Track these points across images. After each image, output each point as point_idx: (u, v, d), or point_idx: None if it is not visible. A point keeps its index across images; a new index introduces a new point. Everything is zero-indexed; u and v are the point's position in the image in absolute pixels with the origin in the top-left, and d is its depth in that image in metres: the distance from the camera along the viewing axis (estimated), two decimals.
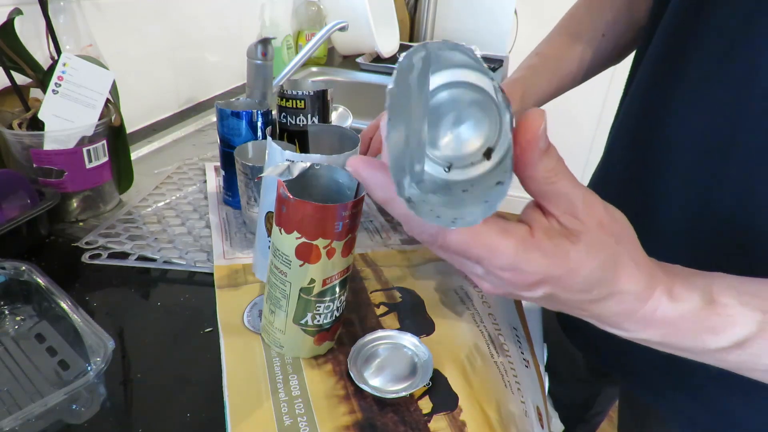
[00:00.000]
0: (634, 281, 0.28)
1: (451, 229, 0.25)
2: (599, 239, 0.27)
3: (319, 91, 0.54)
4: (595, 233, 0.27)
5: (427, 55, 0.24)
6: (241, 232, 0.59)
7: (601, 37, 0.61)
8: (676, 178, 0.44)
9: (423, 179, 0.26)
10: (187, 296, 0.49)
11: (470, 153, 0.26)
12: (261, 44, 0.66)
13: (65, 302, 0.40)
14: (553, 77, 0.62)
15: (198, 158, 0.79)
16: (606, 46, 0.61)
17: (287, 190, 0.36)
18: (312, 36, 1.12)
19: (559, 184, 0.27)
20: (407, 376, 0.41)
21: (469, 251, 0.26)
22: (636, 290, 0.28)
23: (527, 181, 0.27)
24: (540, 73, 0.62)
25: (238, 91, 1.13)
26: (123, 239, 0.57)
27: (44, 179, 0.56)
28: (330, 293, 0.40)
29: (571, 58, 0.62)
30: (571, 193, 0.27)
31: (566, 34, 0.63)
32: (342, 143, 0.49)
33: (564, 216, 0.27)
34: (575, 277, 0.27)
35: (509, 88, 0.61)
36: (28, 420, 0.32)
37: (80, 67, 0.56)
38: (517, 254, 0.26)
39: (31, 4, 0.57)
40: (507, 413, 0.41)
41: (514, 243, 0.26)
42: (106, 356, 0.36)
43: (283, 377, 0.41)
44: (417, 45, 0.24)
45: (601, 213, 0.28)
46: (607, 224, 0.28)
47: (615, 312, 0.30)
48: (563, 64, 0.62)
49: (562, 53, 0.62)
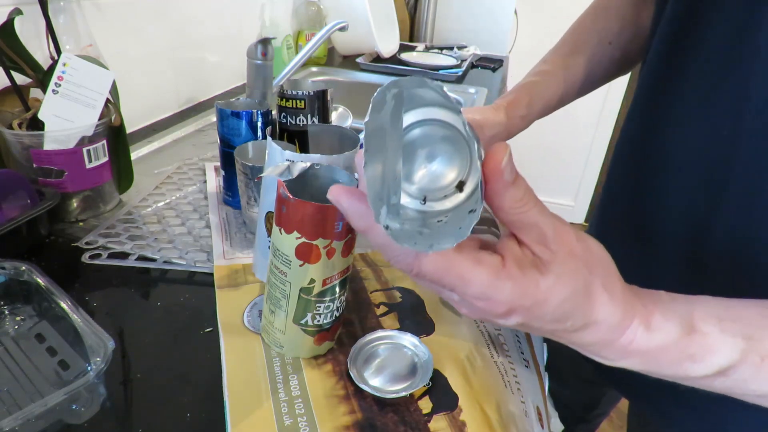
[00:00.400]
0: (609, 312, 0.28)
1: (427, 258, 0.26)
2: (570, 269, 0.27)
3: (319, 91, 0.54)
4: (566, 263, 0.28)
5: (399, 93, 0.26)
6: (241, 232, 0.59)
7: (608, 45, 0.61)
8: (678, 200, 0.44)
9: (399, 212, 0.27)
10: (187, 296, 0.49)
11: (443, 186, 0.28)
12: (261, 44, 0.66)
13: (65, 302, 0.40)
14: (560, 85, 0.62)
15: (198, 158, 0.79)
16: (613, 54, 0.61)
17: (287, 190, 0.36)
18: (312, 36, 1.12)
19: (528, 214, 0.27)
20: (407, 376, 0.41)
21: (442, 280, 0.27)
22: (611, 321, 0.28)
23: (497, 211, 0.27)
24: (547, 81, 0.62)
25: (238, 91, 1.13)
26: (123, 239, 0.57)
27: (44, 179, 0.56)
28: (330, 293, 0.40)
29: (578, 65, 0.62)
30: (541, 222, 0.27)
31: (573, 42, 0.64)
32: (342, 143, 0.49)
33: (535, 245, 0.28)
34: (545, 307, 0.27)
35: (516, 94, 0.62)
36: (28, 420, 0.32)
37: (80, 67, 0.56)
38: (489, 284, 0.26)
39: (31, 4, 0.57)
40: (507, 413, 0.41)
41: (486, 273, 0.26)
42: (106, 356, 0.36)
43: (283, 377, 0.41)
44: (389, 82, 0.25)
45: (572, 242, 0.28)
46: (580, 253, 0.28)
47: (591, 342, 0.30)
48: (570, 71, 0.62)
49: (568, 61, 0.62)
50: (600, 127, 2.31)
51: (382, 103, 0.26)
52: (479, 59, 1.57)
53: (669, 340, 0.29)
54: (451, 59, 1.49)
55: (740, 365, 0.29)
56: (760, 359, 0.29)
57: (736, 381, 0.30)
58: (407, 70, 1.36)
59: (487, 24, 1.79)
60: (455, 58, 1.50)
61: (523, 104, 0.61)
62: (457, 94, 1.24)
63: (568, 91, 0.63)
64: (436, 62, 1.46)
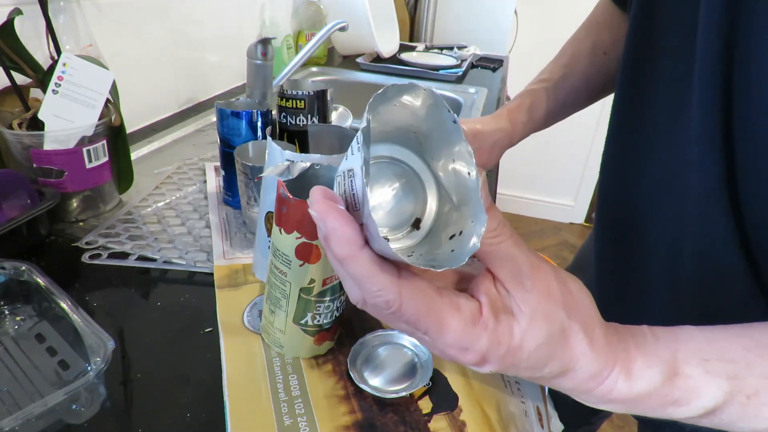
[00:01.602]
0: (588, 360, 0.27)
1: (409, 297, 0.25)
2: (545, 312, 0.27)
3: (319, 91, 0.54)
4: (541, 303, 0.27)
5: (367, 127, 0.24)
6: (241, 232, 0.59)
7: (603, 55, 0.62)
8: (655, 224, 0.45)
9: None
10: (187, 296, 0.49)
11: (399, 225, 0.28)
12: (261, 44, 0.66)
13: (65, 302, 0.40)
14: (561, 93, 0.63)
15: (198, 158, 0.79)
16: (610, 65, 0.62)
17: (287, 190, 0.36)
18: (312, 36, 1.12)
19: (503, 245, 0.26)
20: (407, 376, 0.41)
21: (419, 323, 0.25)
22: (590, 370, 0.28)
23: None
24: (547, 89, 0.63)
25: (238, 91, 1.13)
26: (123, 239, 0.57)
27: (44, 179, 0.56)
28: (330, 293, 0.40)
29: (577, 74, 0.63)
30: (516, 257, 0.26)
31: (570, 54, 0.64)
32: (342, 143, 0.49)
33: (509, 281, 0.27)
34: (519, 354, 0.27)
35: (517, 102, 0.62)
36: (28, 420, 0.32)
37: (80, 67, 0.56)
38: (464, 333, 0.25)
39: (31, 4, 0.57)
40: (507, 413, 0.41)
41: (462, 322, 0.26)
42: (106, 356, 0.36)
43: (283, 377, 0.41)
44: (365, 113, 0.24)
45: (549, 281, 0.27)
46: (557, 295, 0.27)
47: (569, 388, 0.29)
48: (569, 80, 0.63)
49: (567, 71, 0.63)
50: (600, 127, 2.31)
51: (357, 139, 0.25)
52: (479, 59, 1.57)
53: (651, 387, 0.28)
54: (451, 59, 1.49)
55: (727, 406, 0.28)
56: (746, 398, 0.28)
57: (722, 420, 0.29)
58: (407, 70, 1.36)
59: (487, 24, 1.79)
60: (455, 58, 1.50)
61: (525, 110, 0.61)
62: (457, 94, 1.24)
63: (569, 99, 0.64)
64: (436, 62, 1.46)
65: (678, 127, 0.40)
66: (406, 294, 0.25)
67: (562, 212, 2.60)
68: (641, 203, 0.46)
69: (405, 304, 0.25)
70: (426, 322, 0.25)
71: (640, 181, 0.46)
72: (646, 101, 0.44)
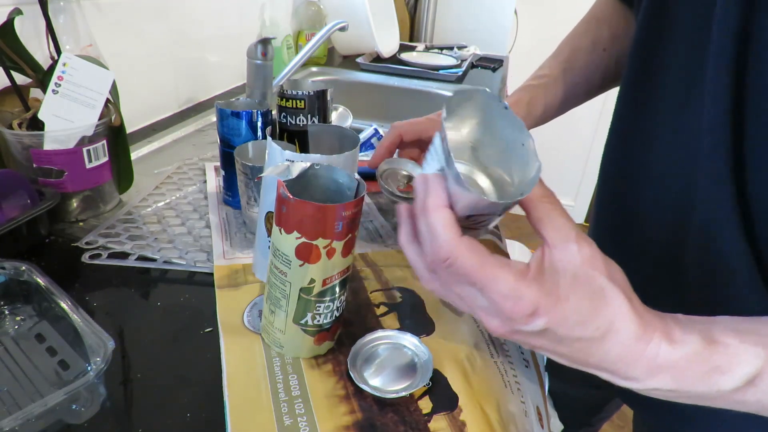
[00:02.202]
0: (630, 320, 0.29)
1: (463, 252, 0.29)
2: (587, 274, 0.29)
3: (319, 91, 0.54)
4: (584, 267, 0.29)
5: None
6: (241, 232, 0.59)
7: (603, 51, 0.62)
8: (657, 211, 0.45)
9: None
10: (187, 296, 0.49)
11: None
12: (261, 44, 0.66)
13: (65, 302, 0.40)
14: (560, 88, 0.63)
15: (198, 158, 0.79)
16: (608, 61, 0.62)
17: (287, 190, 0.36)
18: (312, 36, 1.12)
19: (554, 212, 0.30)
20: (407, 376, 0.41)
21: (473, 274, 0.29)
22: (633, 330, 0.29)
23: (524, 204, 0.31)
24: (546, 84, 0.63)
25: (238, 91, 1.13)
26: (123, 239, 0.57)
27: (44, 179, 0.56)
28: (330, 293, 0.40)
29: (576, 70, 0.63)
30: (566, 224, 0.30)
31: (569, 50, 0.64)
32: (342, 143, 0.49)
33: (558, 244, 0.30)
34: (567, 306, 0.28)
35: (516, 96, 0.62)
36: (28, 420, 0.32)
37: (80, 67, 0.56)
38: (516, 282, 0.28)
39: (31, 4, 0.57)
40: (507, 413, 0.41)
41: (513, 273, 0.29)
42: (106, 356, 0.36)
43: (283, 377, 0.41)
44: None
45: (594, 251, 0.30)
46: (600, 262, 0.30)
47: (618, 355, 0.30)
48: (568, 76, 0.63)
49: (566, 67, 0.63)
50: (600, 127, 2.31)
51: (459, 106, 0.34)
52: (479, 59, 1.57)
53: (693, 351, 0.29)
54: (451, 59, 1.49)
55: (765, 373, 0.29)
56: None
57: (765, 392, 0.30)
58: (407, 70, 1.36)
59: (487, 24, 1.79)
60: (455, 58, 1.50)
61: (523, 105, 0.61)
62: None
63: (568, 95, 0.63)
64: (436, 62, 1.46)
65: (686, 116, 0.40)
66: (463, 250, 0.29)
67: None
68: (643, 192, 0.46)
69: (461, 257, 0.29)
70: (479, 274, 0.29)
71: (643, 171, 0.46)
72: (655, 91, 0.44)
